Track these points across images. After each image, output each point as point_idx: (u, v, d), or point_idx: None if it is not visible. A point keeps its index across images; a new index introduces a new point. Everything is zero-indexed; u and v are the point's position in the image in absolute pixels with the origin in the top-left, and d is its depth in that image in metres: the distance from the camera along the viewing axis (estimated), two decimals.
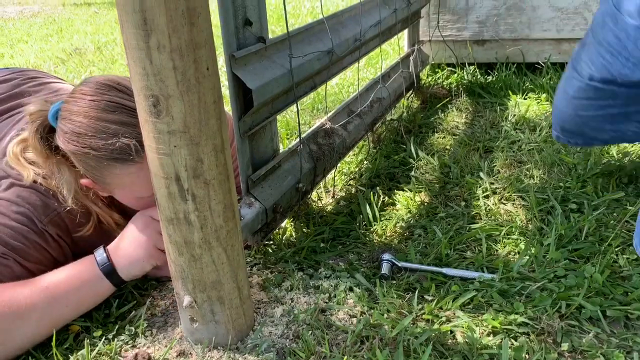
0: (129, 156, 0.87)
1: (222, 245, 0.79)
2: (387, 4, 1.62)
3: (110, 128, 0.87)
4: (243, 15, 0.92)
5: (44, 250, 0.96)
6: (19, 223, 0.93)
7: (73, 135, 0.89)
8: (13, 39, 4.23)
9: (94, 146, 0.88)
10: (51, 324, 0.90)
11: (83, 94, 0.90)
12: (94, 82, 0.91)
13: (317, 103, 2.11)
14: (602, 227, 1.16)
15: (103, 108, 0.88)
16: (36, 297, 0.87)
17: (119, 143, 0.86)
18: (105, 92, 0.89)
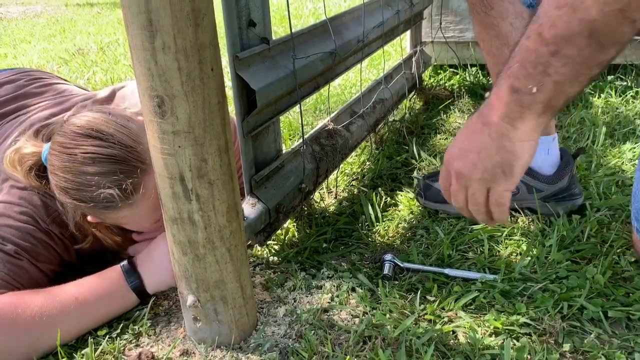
0: (116, 204, 0.89)
1: (226, 245, 0.80)
2: (389, 5, 1.62)
3: (92, 181, 0.88)
4: (247, 16, 0.93)
5: (51, 248, 0.97)
6: (24, 223, 0.94)
7: (61, 190, 0.91)
8: (16, 39, 4.25)
9: (81, 199, 0.90)
10: (77, 333, 0.92)
11: (61, 146, 0.90)
12: (69, 131, 0.90)
13: (320, 104, 2.12)
14: (604, 229, 1.16)
15: (81, 161, 0.88)
16: (67, 308, 0.89)
17: (102, 194, 0.87)
18: (80, 143, 0.89)
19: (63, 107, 1.16)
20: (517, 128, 0.73)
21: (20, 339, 0.85)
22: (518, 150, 0.74)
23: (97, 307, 0.92)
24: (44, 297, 0.88)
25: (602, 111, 1.82)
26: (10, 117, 1.18)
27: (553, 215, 1.21)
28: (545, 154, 1.21)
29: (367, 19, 1.40)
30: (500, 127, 0.73)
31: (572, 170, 1.21)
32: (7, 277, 0.90)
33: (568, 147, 1.58)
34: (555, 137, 1.22)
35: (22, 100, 1.23)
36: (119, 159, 0.88)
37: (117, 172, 0.88)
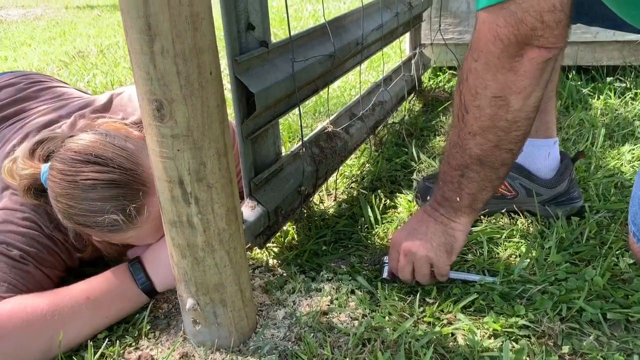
0: (121, 227, 0.89)
1: (225, 248, 0.80)
2: (389, 7, 1.62)
3: (95, 206, 0.88)
4: (246, 19, 0.93)
5: (55, 254, 0.97)
6: (28, 229, 0.94)
7: (65, 215, 0.91)
8: (16, 42, 4.25)
9: (86, 224, 0.90)
10: (88, 334, 0.92)
11: (60, 172, 0.89)
12: (68, 158, 0.90)
13: (319, 106, 2.12)
14: (603, 231, 1.16)
15: (82, 188, 0.88)
16: (78, 308, 0.89)
17: (107, 219, 0.87)
18: (79, 169, 0.88)
19: (61, 113, 1.16)
20: (454, 222, 0.96)
21: (32, 340, 0.85)
22: (457, 235, 0.97)
23: (107, 307, 0.93)
24: (53, 297, 0.89)
25: (601, 113, 1.83)
26: (10, 121, 1.19)
27: (552, 217, 1.21)
28: (545, 158, 1.21)
29: (366, 22, 1.41)
30: (444, 220, 0.97)
31: (571, 174, 1.21)
32: (14, 282, 0.90)
33: (567, 148, 1.58)
34: (556, 140, 1.22)
35: (22, 104, 1.23)
36: (121, 184, 0.88)
37: (119, 196, 0.88)
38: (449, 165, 0.93)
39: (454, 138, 0.90)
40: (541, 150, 1.21)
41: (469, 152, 0.88)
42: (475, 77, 0.82)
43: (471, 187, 0.92)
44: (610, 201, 1.26)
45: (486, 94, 0.83)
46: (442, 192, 0.96)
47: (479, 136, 0.87)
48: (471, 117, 0.86)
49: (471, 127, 0.87)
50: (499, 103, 0.83)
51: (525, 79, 0.81)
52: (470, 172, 0.91)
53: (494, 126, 0.85)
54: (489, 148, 0.87)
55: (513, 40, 0.77)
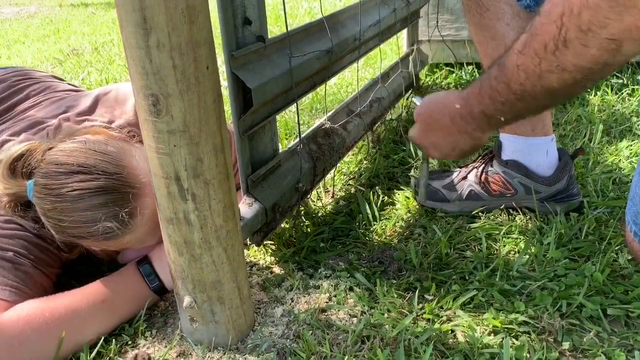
0: (116, 234, 0.88)
1: (222, 245, 0.79)
2: (386, 3, 1.62)
3: (86, 216, 0.86)
4: (242, 14, 0.92)
5: (48, 251, 0.96)
6: (14, 230, 0.93)
7: (58, 229, 0.89)
8: (10, 40, 4.22)
9: (80, 235, 0.88)
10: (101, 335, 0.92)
11: (46, 188, 0.88)
12: (51, 172, 0.88)
13: (316, 103, 2.11)
14: (602, 226, 1.16)
15: (70, 200, 0.86)
16: (94, 310, 0.90)
17: (101, 228, 0.86)
18: (64, 182, 0.87)
19: (47, 113, 1.13)
20: (485, 133, 0.97)
21: (50, 344, 0.84)
22: (484, 142, 1.00)
23: (121, 308, 0.93)
24: (69, 300, 0.89)
25: (598, 109, 1.82)
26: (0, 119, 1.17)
27: (551, 214, 1.21)
28: (543, 155, 1.20)
29: (364, 17, 1.40)
30: (473, 135, 0.97)
31: (570, 172, 1.20)
32: (16, 284, 0.88)
33: (565, 144, 1.58)
34: (553, 137, 1.22)
35: (9, 101, 1.21)
36: (108, 189, 0.87)
37: (108, 203, 0.86)
38: (507, 87, 0.84)
39: (529, 66, 0.79)
40: (539, 148, 1.21)
41: (545, 84, 0.79)
42: (594, 13, 0.70)
43: (523, 109, 0.86)
44: (609, 197, 1.26)
45: (602, 33, 0.71)
46: (483, 107, 0.90)
47: (567, 73, 0.77)
48: (570, 53, 0.75)
49: (564, 62, 0.76)
50: (611, 46, 0.72)
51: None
52: (531, 100, 0.83)
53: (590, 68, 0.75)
54: (570, 84, 0.79)
55: None
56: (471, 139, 0.98)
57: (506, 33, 1.13)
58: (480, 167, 1.27)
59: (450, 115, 0.96)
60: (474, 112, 0.92)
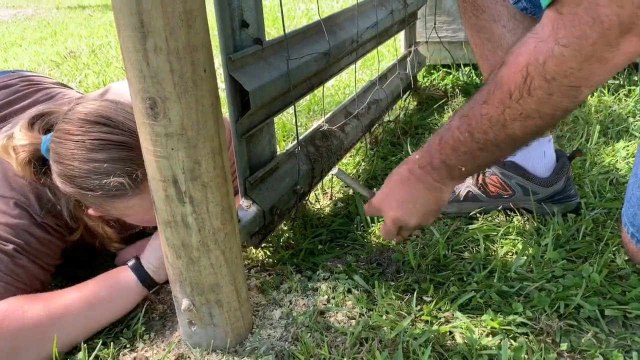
0: (126, 192, 0.87)
1: (220, 248, 0.79)
2: (383, 5, 1.62)
3: (101, 167, 0.86)
4: (240, 17, 0.92)
5: (49, 242, 0.96)
6: (19, 219, 0.92)
7: (67, 178, 0.88)
8: (7, 43, 4.22)
9: (89, 187, 0.87)
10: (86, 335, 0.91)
11: (67, 133, 0.88)
12: (75, 118, 0.88)
13: (314, 105, 2.11)
14: (599, 227, 1.16)
15: (89, 148, 0.86)
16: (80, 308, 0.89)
17: (112, 182, 0.86)
18: (88, 129, 0.87)
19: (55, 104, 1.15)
20: (446, 186, 0.95)
21: (28, 341, 0.84)
22: (445, 198, 0.97)
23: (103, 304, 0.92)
24: (48, 298, 0.88)
25: (595, 109, 1.83)
26: (5, 123, 1.17)
27: (548, 215, 1.21)
28: (540, 156, 1.21)
29: (361, 20, 1.40)
30: (434, 185, 0.95)
31: (567, 173, 1.21)
32: (9, 279, 0.88)
33: (562, 145, 1.58)
34: (551, 138, 1.22)
35: (16, 105, 1.21)
36: (130, 146, 0.86)
37: (127, 159, 0.86)
38: (470, 137, 0.86)
39: (493, 115, 0.82)
40: (537, 149, 1.21)
41: (509, 132, 0.82)
42: (559, 64, 0.74)
43: (484, 160, 0.89)
44: (606, 198, 1.26)
45: (564, 82, 0.75)
46: (444, 157, 0.90)
47: (531, 119, 0.80)
48: (534, 101, 0.78)
49: (528, 110, 0.79)
50: (571, 93, 0.76)
51: (608, 73, 0.74)
52: (494, 148, 0.86)
53: (552, 114, 0.79)
54: (531, 131, 0.82)
55: (615, 21, 0.68)
56: (432, 191, 0.95)
57: (502, 35, 1.13)
58: None
59: (409, 167, 0.96)
60: (434, 162, 0.92)
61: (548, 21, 0.75)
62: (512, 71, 0.79)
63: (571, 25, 0.71)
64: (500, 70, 0.82)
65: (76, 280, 0.95)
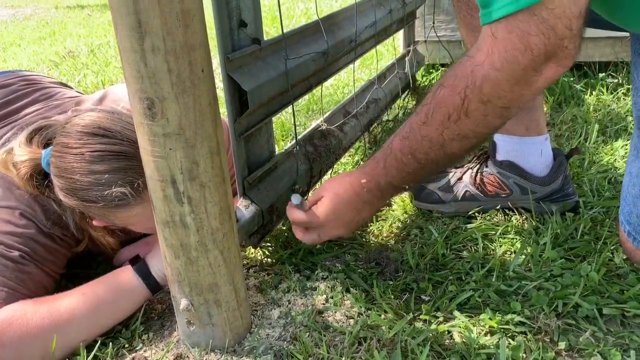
0: (128, 202, 0.87)
1: (219, 248, 0.79)
2: (382, 4, 1.62)
3: (102, 179, 0.86)
4: (238, 16, 0.92)
5: (56, 251, 0.96)
6: (26, 228, 0.93)
7: (69, 192, 0.88)
8: (5, 42, 4.21)
9: (92, 199, 0.87)
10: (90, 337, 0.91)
11: (66, 147, 0.88)
12: (73, 131, 0.88)
13: (312, 104, 2.11)
14: (598, 226, 1.16)
15: (89, 160, 0.86)
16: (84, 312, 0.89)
17: (114, 193, 0.86)
18: (87, 141, 0.87)
19: (55, 112, 1.15)
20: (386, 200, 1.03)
21: (31, 347, 0.84)
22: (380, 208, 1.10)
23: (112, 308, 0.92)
24: (51, 303, 0.88)
25: (593, 108, 1.83)
26: (4, 122, 1.17)
27: (547, 214, 1.21)
28: (538, 155, 1.21)
29: (360, 19, 1.40)
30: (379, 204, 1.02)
31: (565, 171, 1.21)
32: (15, 286, 0.88)
33: (560, 144, 1.59)
34: (547, 137, 1.22)
35: (15, 105, 1.21)
36: (129, 156, 0.86)
37: (127, 169, 0.86)
38: (413, 158, 0.92)
39: (433, 136, 0.88)
40: (533, 148, 1.21)
41: (447, 151, 0.89)
42: (493, 87, 0.80)
43: (424, 176, 0.96)
44: (604, 197, 1.27)
45: (498, 103, 0.82)
46: (390, 179, 0.96)
47: (467, 139, 0.87)
48: (471, 122, 0.85)
49: (465, 131, 0.86)
50: (503, 114, 0.83)
51: (531, 95, 0.81)
52: (434, 166, 0.92)
53: (485, 132, 0.87)
54: (467, 149, 0.89)
55: (542, 50, 0.75)
56: (375, 209, 1.03)
57: None
58: (475, 168, 1.27)
59: (356, 191, 0.98)
60: (381, 184, 0.97)
61: (484, 44, 0.80)
62: (451, 93, 0.85)
63: (504, 50, 0.78)
64: (438, 91, 0.87)
65: (75, 280, 0.95)
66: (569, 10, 0.73)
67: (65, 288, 0.95)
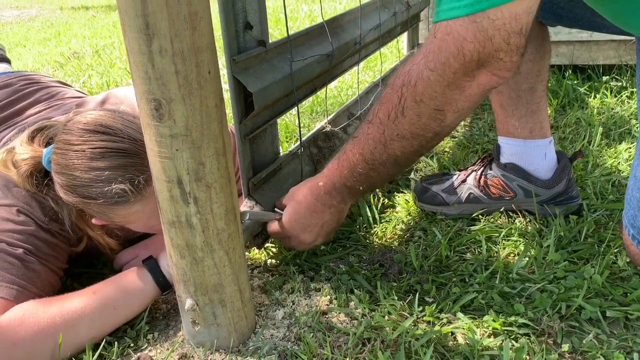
0: (128, 199, 0.88)
1: (224, 248, 0.80)
2: (386, 7, 1.63)
3: (103, 175, 0.86)
4: (244, 19, 0.93)
5: (56, 246, 0.97)
6: (25, 225, 0.93)
7: (69, 188, 0.89)
8: (11, 43, 4.23)
9: (91, 196, 0.88)
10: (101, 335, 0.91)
11: (68, 143, 0.89)
12: (75, 128, 0.89)
13: (316, 106, 2.12)
14: (601, 229, 1.16)
15: (90, 157, 0.87)
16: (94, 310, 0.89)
17: (114, 189, 0.86)
18: (88, 138, 0.88)
19: (55, 114, 1.16)
20: (347, 205, 1.03)
21: (44, 345, 0.84)
22: (344, 215, 1.05)
23: (123, 306, 0.92)
24: (62, 301, 0.88)
25: (597, 111, 1.83)
26: (7, 124, 1.18)
27: (550, 216, 1.21)
28: (542, 158, 1.21)
29: (364, 21, 1.41)
30: (338, 207, 1.02)
31: (569, 174, 1.21)
32: (23, 283, 0.89)
33: (564, 147, 1.59)
34: (551, 140, 1.22)
35: (17, 105, 1.22)
36: (130, 153, 0.87)
37: (128, 166, 0.87)
38: (361, 158, 0.93)
39: (376, 134, 0.90)
40: (538, 150, 1.21)
41: (390, 152, 0.90)
42: (426, 86, 0.82)
43: (376, 180, 0.96)
44: (608, 200, 1.27)
45: (430, 104, 0.83)
46: (344, 180, 0.97)
47: (406, 140, 0.88)
48: (406, 122, 0.86)
49: (402, 130, 0.87)
50: (437, 116, 0.84)
51: (467, 101, 0.82)
52: (382, 168, 0.93)
53: (423, 135, 0.87)
54: (409, 152, 0.90)
55: (475, 57, 0.77)
56: (336, 212, 1.02)
57: None
58: (479, 171, 1.27)
59: (315, 194, 1.00)
60: (337, 185, 0.98)
61: (425, 44, 0.82)
62: (391, 92, 0.87)
63: (439, 50, 0.79)
64: (383, 90, 0.89)
65: (80, 279, 0.96)
66: (509, 25, 0.74)
67: (71, 287, 0.95)
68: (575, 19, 1.12)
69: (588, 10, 1.01)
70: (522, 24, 0.75)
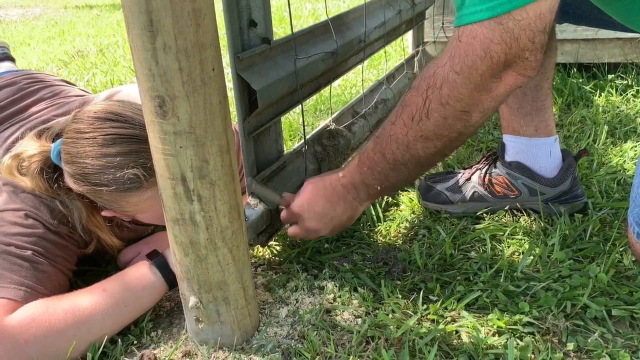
0: (141, 184, 0.88)
1: (228, 246, 0.80)
2: (391, 5, 1.62)
3: (114, 161, 0.87)
4: (248, 16, 0.93)
5: (65, 247, 0.97)
6: (33, 228, 0.93)
7: (80, 177, 0.89)
8: (15, 42, 4.24)
9: (104, 183, 0.88)
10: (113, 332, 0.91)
11: (78, 132, 0.89)
12: (85, 117, 0.90)
13: (320, 104, 2.12)
14: (607, 227, 1.16)
15: (101, 144, 0.87)
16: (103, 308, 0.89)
17: (127, 175, 0.86)
18: (99, 126, 0.88)
19: (58, 112, 1.16)
20: (362, 205, 1.03)
21: (56, 342, 0.84)
22: (356, 216, 1.05)
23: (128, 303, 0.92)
24: (73, 298, 0.88)
25: (602, 110, 1.82)
26: (11, 121, 1.18)
27: (555, 215, 1.21)
28: (547, 156, 1.20)
29: (369, 19, 1.40)
30: (353, 204, 1.02)
31: (574, 173, 1.20)
32: (32, 285, 0.89)
33: (569, 146, 1.58)
34: (556, 138, 1.22)
35: (21, 103, 1.22)
36: (141, 139, 0.87)
37: (139, 152, 0.87)
38: (382, 157, 0.93)
39: (399, 135, 0.90)
40: (543, 149, 1.21)
41: (413, 153, 0.90)
42: (452, 89, 0.82)
43: (396, 179, 0.96)
44: (613, 198, 1.26)
45: (457, 106, 0.83)
46: (363, 177, 0.98)
47: (430, 141, 0.88)
48: (431, 124, 0.86)
49: (426, 132, 0.87)
50: (463, 117, 0.85)
51: (493, 101, 0.83)
52: (403, 168, 0.93)
53: (447, 135, 0.87)
54: (433, 152, 0.90)
55: (502, 59, 0.77)
56: (349, 208, 1.01)
57: None
58: (484, 169, 1.27)
59: (333, 185, 1.01)
60: (355, 181, 0.99)
61: (449, 47, 0.82)
62: (415, 94, 0.87)
63: (465, 54, 0.79)
64: (407, 92, 0.89)
65: (85, 277, 0.96)
66: (534, 24, 0.75)
67: (76, 285, 0.95)
68: (582, 15, 1.12)
69: (595, 7, 1.01)
70: (546, 22, 0.75)
